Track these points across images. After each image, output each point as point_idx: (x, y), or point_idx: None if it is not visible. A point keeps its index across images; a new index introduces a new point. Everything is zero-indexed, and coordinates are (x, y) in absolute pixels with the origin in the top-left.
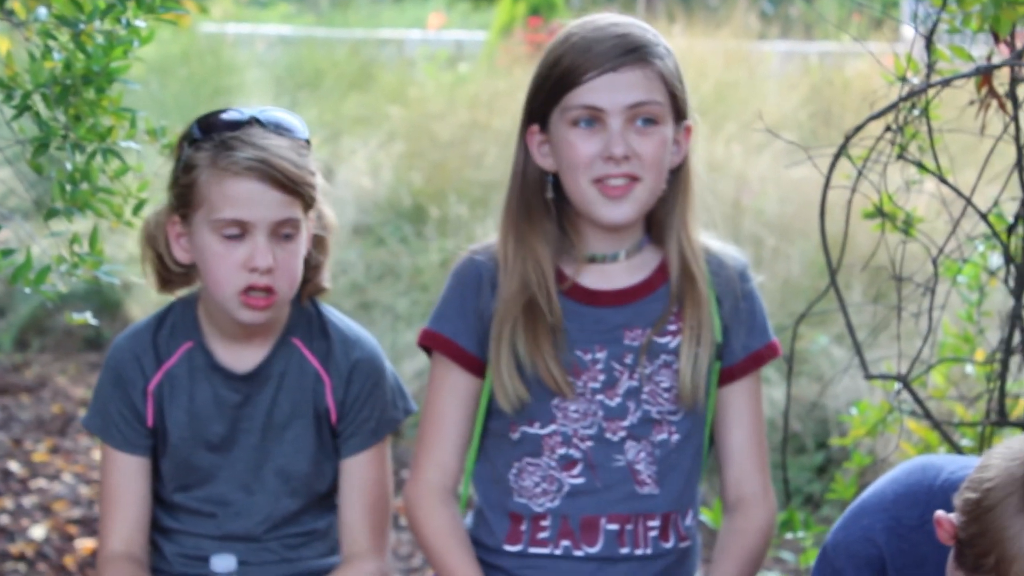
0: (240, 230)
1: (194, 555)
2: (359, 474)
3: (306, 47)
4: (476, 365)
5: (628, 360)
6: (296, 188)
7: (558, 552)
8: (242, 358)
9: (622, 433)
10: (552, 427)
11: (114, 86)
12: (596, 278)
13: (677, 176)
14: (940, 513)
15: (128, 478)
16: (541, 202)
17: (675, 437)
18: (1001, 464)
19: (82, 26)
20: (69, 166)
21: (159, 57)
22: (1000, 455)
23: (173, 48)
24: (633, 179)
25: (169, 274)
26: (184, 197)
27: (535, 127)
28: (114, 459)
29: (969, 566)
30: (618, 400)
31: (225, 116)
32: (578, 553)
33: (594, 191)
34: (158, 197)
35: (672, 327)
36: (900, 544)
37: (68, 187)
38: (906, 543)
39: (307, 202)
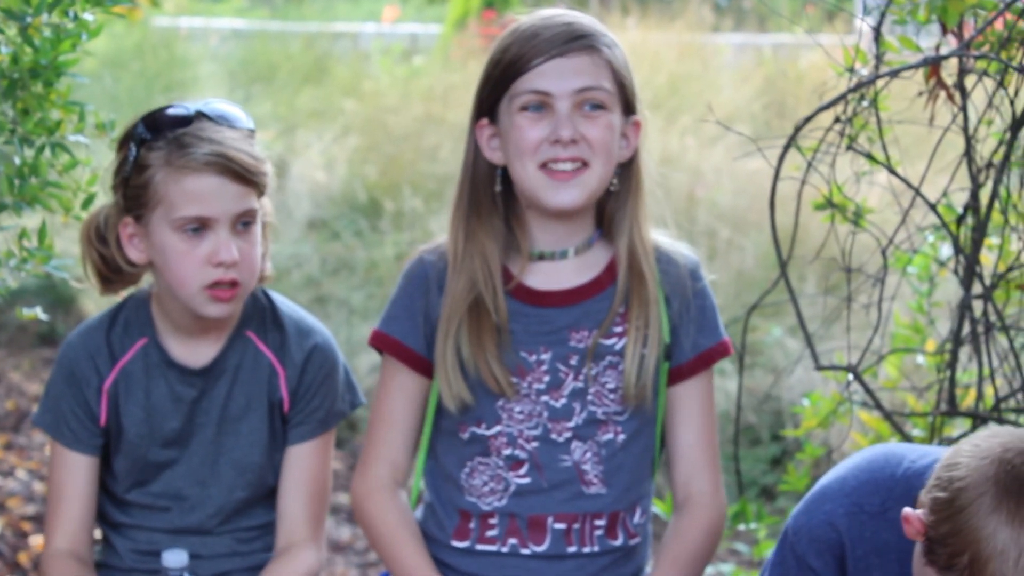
0: (201, 226)
1: (147, 550)
2: (303, 463)
3: (260, 41)
4: (424, 365)
5: (573, 361)
6: (253, 179)
7: (505, 550)
8: (197, 353)
9: (567, 434)
10: (498, 428)
11: (62, 80)
12: (543, 278)
13: (627, 171)
14: (908, 510)
15: (76, 476)
16: (490, 198)
17: (621, 436)
18: (971, 463)
19: (29, 19)
20: (17, 160)
21: (112, 51)
22: (969, 453)
23: (126, 42)
24: (582, 164)
25: (113, 275)
26: (138, 198)
27: (484, 121)
28: (63, 457)
29: (941, 564)
30: (563, 401)
31: (171, 112)
32: (525, 551)
33: (542, 176)
34: (109, 191)
35: (618, 328)
36: (861, 530)
37: (16, 182)
38: (867, 530)
39: (261, 191)
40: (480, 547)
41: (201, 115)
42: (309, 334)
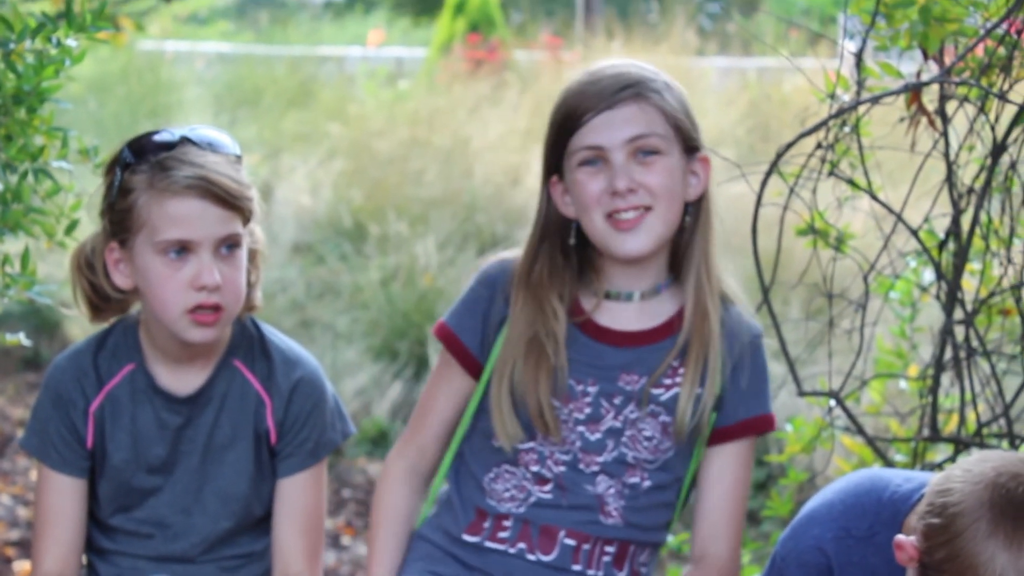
0: (183, 249)
1: None
2: (295, 496)
3: (245, 64)
4: (474, 365)
5: (617, 401)
6: (236, 203)
7: (512, 551)
8: (184, 380)
9: (595, 467)
10: (531, 444)
11: (46, 105)
12: (608, 317)
13: (697, 209)
14: (900, 537)
15: (64, 499)
16: (559, 251)
17: (647, 483)
18: (964, 488)
19: (12, 45)
20: (0, 186)
21: (97, 75)
22: (961, 478)
23: (111, 66)
24: (645, 209)
25: (102, 303)
26: (122, 222)
27: (555, 178)
28: (51, 480)
29: None
30: (598, 436)
31: (157, 138)
32: (531, 557)
33: (607, 227)
34: (96, 217)
35: (667, 380)
36: (849, 555)
37: (0, 208)
38: (855, 554)
39: (246, 216)
40: (489, 544)
41: (186, 140)
42: (296, 365)
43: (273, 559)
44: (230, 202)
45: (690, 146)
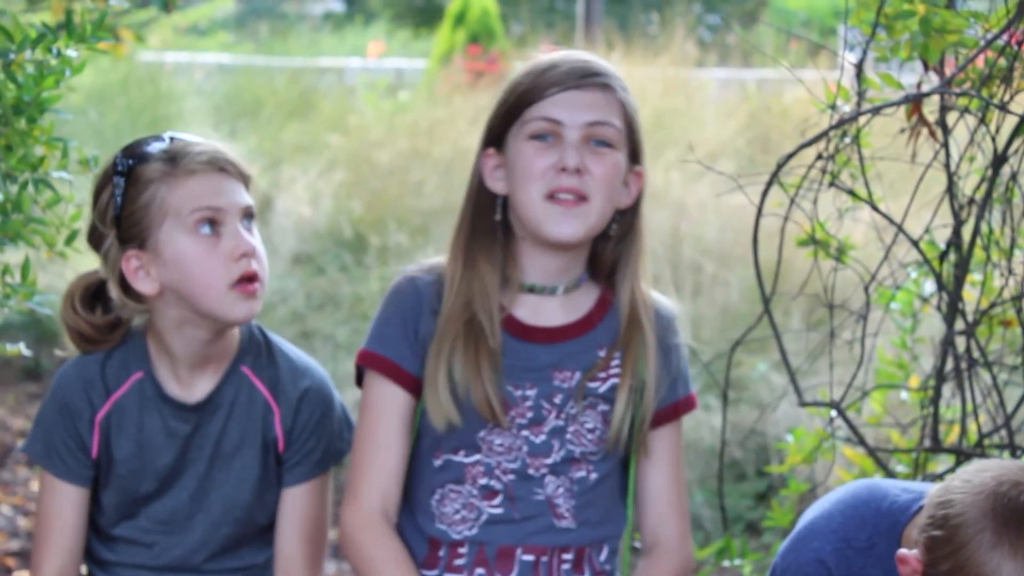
0: (213, 224)
1: None
2: (300, 504)
3: (245, 75)
4: (415, 384)
5: (557, 400)
6: (247, 178)
7: None
8: (192, 388)
9: (544, 469)
10: (476, 456)
11: (46, 116)
12: (529, 312)
13: (628, 221)
14: (903, 551)
15: (66, 508)
16: (491, 226)
17: (593, 475)
18: (966, 499)
19: (12, 56)
20: (1, 196)
21: (97, 86)
22: (961, 489)
23: (112, 77)
24: (581, 198)
25: (100, 335)
26: (140, 222)
27: (491, 150)
28: (53, 488)
29: None
30: (543, 437)
31: (149, 142)
32: None
33: (545, 204)
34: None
35: (601, 374)
36: (849, 567)
37: (0, 218)
38: (855, 565)
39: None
40: (447, 575)
41: (174, 138)
42: (304, 373)
43: (275, 566)
44: (244, 176)
45: (633, 154)
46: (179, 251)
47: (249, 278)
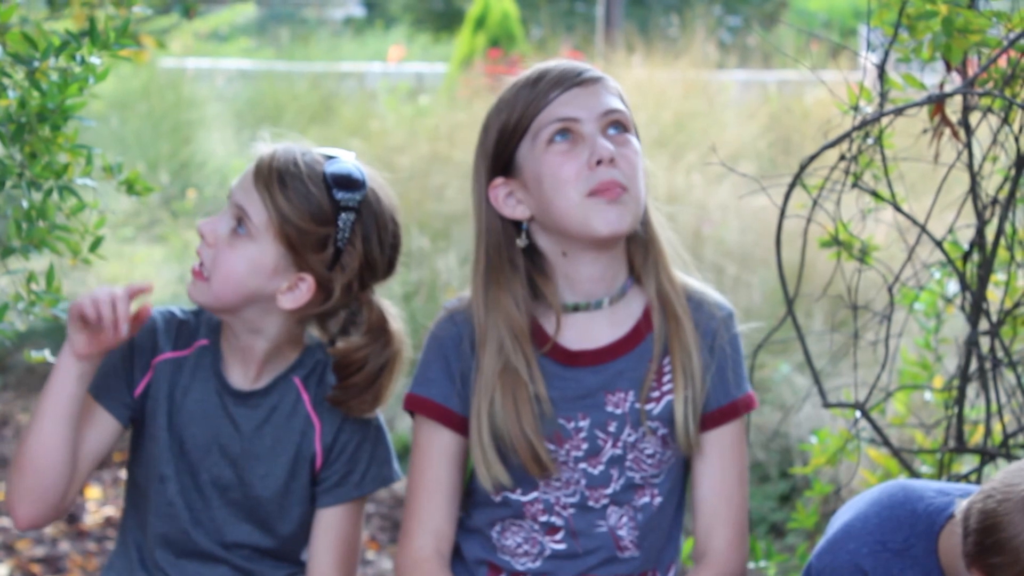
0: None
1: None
2: (335, 526)
3: (266, 81)
4: (462, 424)
5: (612, 428)
6: (268, 191)
7: None
8: (243, 377)
9: (604, 500)
10: (534, 494)
11: (70, 123)
12: (576, 334)
13: (644, 216)
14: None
15: (91, 431)
16: (509, 261)
17: (657, 500)
18: (1015, 518)
19: (36, 63)
20: (25, 204)
21: (119, 93)
22: (1006, 511)
23: (133, 83)
24: (622, 188)
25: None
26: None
27: (498, 180)
28: (88, 406)
29: None
30: (601, 468)
31: (336, 161)
32: None
33: (588, 202)
34: (121, 234)
35: (655, 393)
36: (887, 569)
37: (24, 225)
38: (893, 567)
39: (280, 228)
40: None
41: (331, 159)
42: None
43: None
44: (263, 183)
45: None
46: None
47: (202, 263)
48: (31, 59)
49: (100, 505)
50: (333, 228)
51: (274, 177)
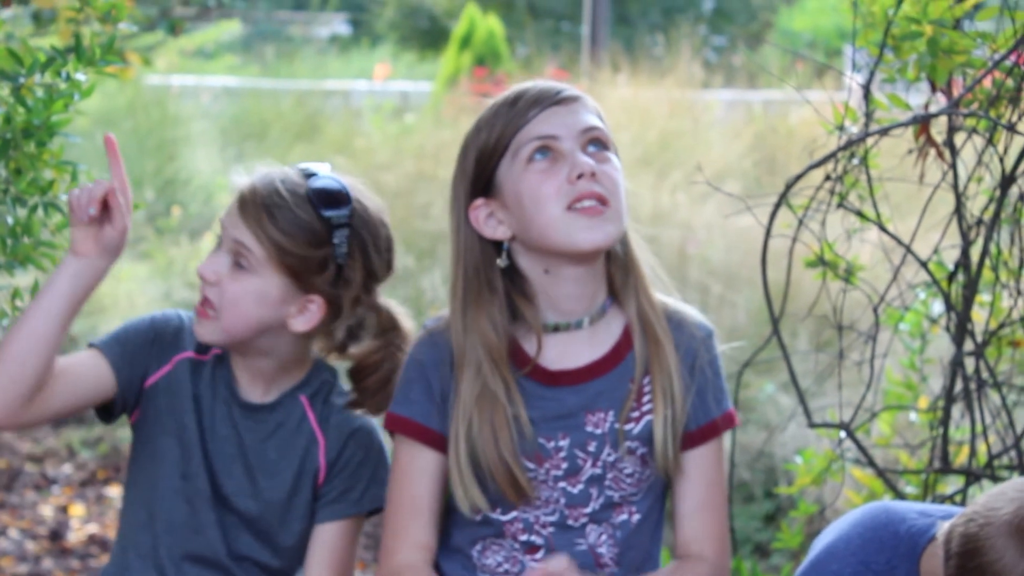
0: (219, 241)
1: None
2: (332, 541)
3: (251, 98)
4: (442, 442)
5: (592, 448)
6: (259, 225)
7: None
8: (252, 391)
9: (584, 519)
10: (514, 514)
11: (55, 139)
12: (557, 355)
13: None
14: None
15: (89, 371)
16: (487, 283)
17: (636, 517)
18: (996, 543)
19: (22, 79)
20: (10, 220)
21: (104, 109)
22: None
23: (118, 100)
24: (603, 202)
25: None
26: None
27: (478, 201)
28: (90, 354)
29: None
30: (580, 487)
31: (316, 178)
32: None
33: (570, 216)
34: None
35: (635, 413)
36: None
37: (9, 241)
38: None
39: (280, 258)
40: None
41: (312, 175)
42: (357, 416)
43: None
44: (249, 212)
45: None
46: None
47: (202, 294)
48: (16, 75)
49: (83, 523)
50: (330, 247)
51: (262, 211)
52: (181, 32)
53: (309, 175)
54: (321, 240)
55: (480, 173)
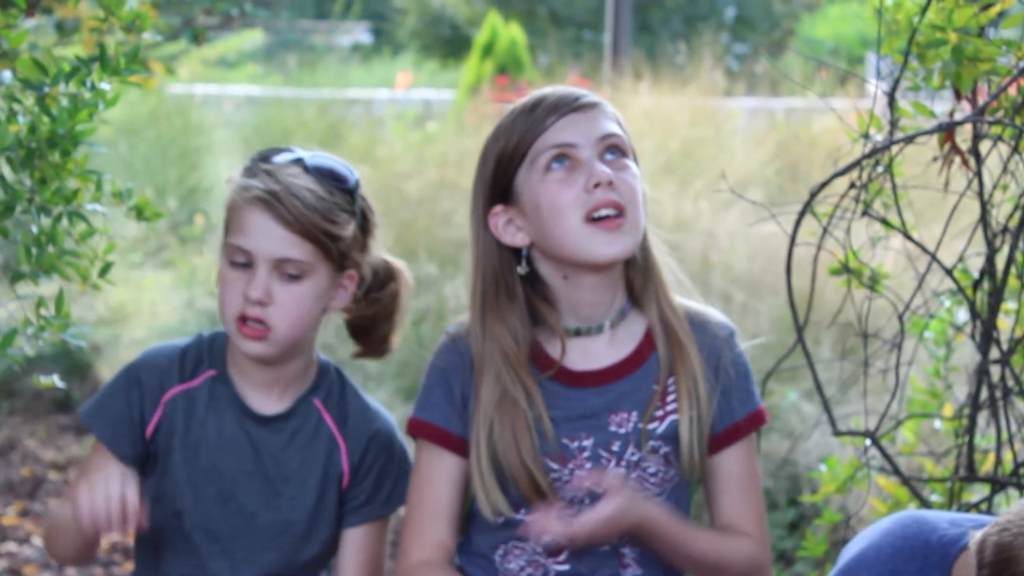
0: (246, 259)
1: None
2: (363, 545)
3: (274, 107)
4: (464, 446)
5: (615, 447)
6: (305, 229)
7: None
8: (263, 402)
9: None
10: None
11: (79, 149)
12: (578, 356)
13: (642, 240)
14: None
15: (106, 466)
16: (507, 289)
17: None
18: None
19: (47, 89)
20: (35, 229)
21: (127, 118)
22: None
23: (141, 109)
24: (620, 212)
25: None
26: (226, 220)
27: (497, 207)
28: (97, 452)
29: None
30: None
31: (275, 153)
32: None
33: (588, 229)
34: (129, 259)
35: (659, 412)
36: None
37: (34, 250)
38: None
39: (325, 249)
40: None
41: (299, 160)
42: (376, 416)
43: None
44: (295, 225)
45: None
46: (220, 267)
47: (253, 319)
48: (41, 85)
49: None
50: (352, 216)
51: (289, 209)
52: (204, 41)
53: (296, 160)
54: (349, 212)
55: (499, 180)
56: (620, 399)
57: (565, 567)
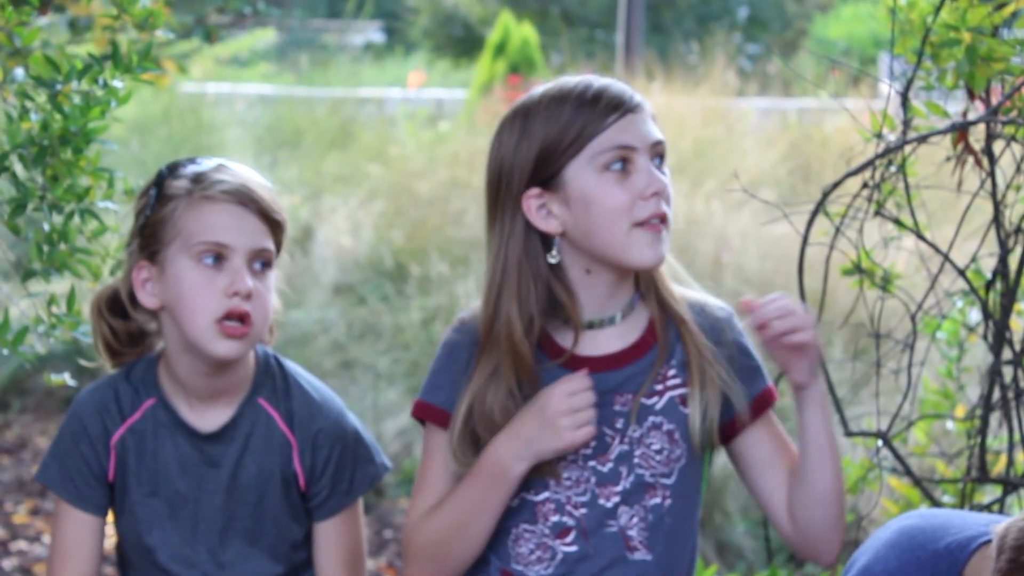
0: (218, 257)
1: None
2: (334, 537)
3: (286, 106)
4: None
5: (619, 424)
6: (273, 218)
7: None
8: (207, 417)
9: (616, 499)
10: (545, 494)
11: (92, 146)
12: (591, 345)
13: None
14: None
15: (80, 535)
16: (527, 273)
17: (668, 502)
18: None
19: (59, 86)
20: (47, 227)
21: (139, 116)
22: None
23: (153, 107)
24: (663, 219)
25: (122, 346)
26: (155, 235)
27: (534, 190)
28: (68, 515)
29: None
30: (610, 465)
31: (193, 162)
32: None
33: (636, 233)
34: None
35: (658, 387)
36: None
37: (46, 248)
38: None
39: (278, 240)
40: None
41: (222, 165)
42: (319, 410)
43: None
44: (267, 215)
45: None
46: (178, 273)
47: (238, 316)
48: (54, 82)
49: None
50: None
51: (260, 201)
52: (216, 40)
53: (218, 164)
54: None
55: (543, 165)
56: (626, 382)
57: (573, 548)
